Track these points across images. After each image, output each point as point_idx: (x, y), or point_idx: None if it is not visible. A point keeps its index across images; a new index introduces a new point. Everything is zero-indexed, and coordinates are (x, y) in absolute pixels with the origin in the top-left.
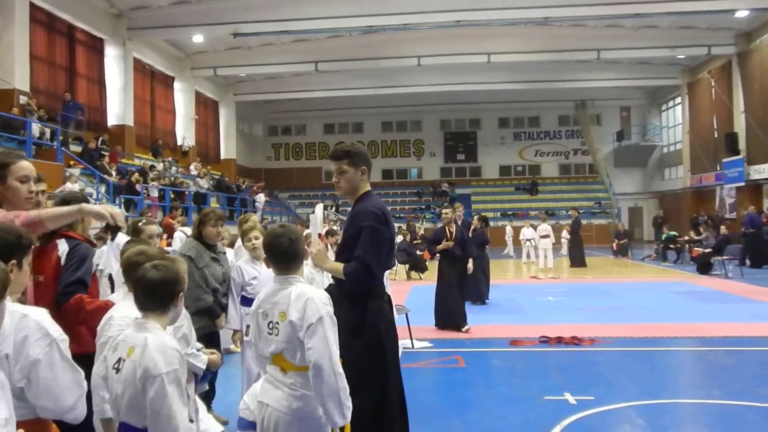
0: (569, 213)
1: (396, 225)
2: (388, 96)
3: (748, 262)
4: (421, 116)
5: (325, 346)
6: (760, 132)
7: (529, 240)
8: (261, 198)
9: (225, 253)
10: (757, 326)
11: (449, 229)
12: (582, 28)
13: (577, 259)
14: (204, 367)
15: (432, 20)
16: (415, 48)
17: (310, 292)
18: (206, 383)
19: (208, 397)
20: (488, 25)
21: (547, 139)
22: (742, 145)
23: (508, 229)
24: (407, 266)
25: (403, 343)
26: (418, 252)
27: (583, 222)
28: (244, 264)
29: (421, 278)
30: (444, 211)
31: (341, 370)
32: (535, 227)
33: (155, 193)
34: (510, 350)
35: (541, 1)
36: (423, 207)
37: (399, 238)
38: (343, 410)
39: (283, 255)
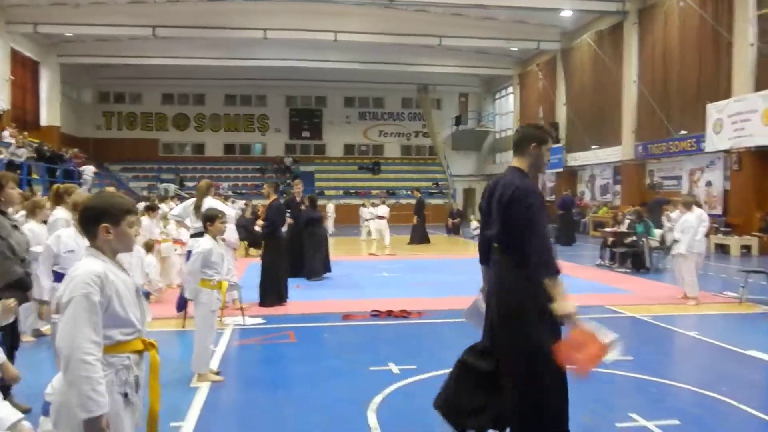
0: (412, 193)
1: (241, 201)
2: (233, 68)
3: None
4: (266, 91)
5: (70, 329)
6: (577, 123)
7: (368, 220)
8: (89, 170)
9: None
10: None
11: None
12: (426, 13)
13: (418, 237)
14: None
15: None
16: (262, 20)
17: (79, 269)
18: None
19: (5, 386)
20: (336, 2)
21: (390, 120)
22: (562, 134)
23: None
24: (246, 243)
25: (235, 320)
26: (257, 229)
27: None
28: (64, 233)
29: (260, 255)
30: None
31: (87, 357)
32: (376, 205)
33: None
34: (342, 325)
35: None
36: (265, 183)
37: (239, 214)
38: (83, 401)
39: (78, 222)
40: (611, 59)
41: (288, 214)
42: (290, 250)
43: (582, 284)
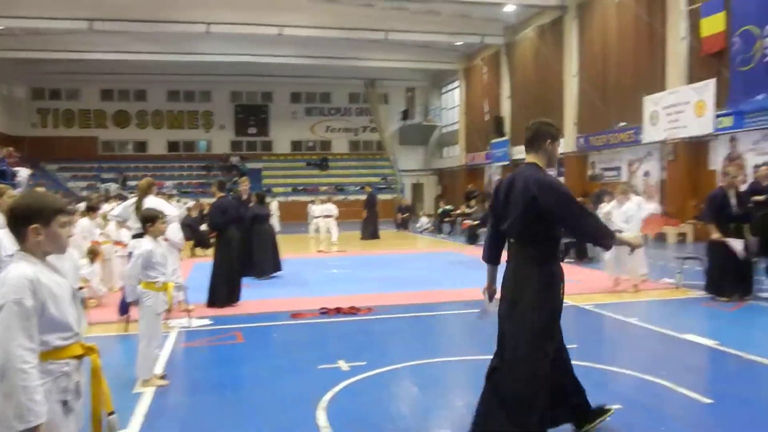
0: (363, 189)
1: (187, 201)
2: (175, 63)
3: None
4: (210, 86)
5: (3, 337)
6: (521, 117)
7: (317, 217)
8: (24, 172)
9: None
10: None
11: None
12: (371, 8)
13: (369, 232)
14: None
15: None
16: (204, 14)
17: (9, 273)
18: None
19: None
20: None
21: (338, 116)
22: (507, 127)
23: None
24: (192, 243)
25: (180, 322)
26: (203, 228)
27: None
28: (4, 235)
29: (206, 255)
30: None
31: (23, 366)
32: (324, 202)
33: None
34: (290, 323)
35: None
36: (212, 182)
37: (184, 214)
38: (21, 412)
39: (7, 223)
40: (553, 53)
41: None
42: (240, 249)
43: None
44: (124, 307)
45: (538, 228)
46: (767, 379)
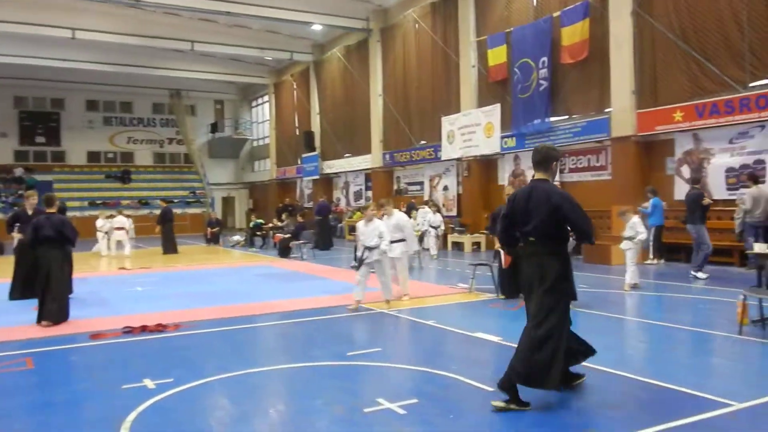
0: (158, 203)
1: None
2: None
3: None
4: None
5: None
6: (331, 132)
7: (106, 233)
8: None
9: None
10: (322, 299)
11: None
12: (176, 17)
13: (169, 247)
14: None
15: None
16: None
17: None
18: None
19: None
20: None
21: (141, 126)
22: (317, 143)
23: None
24: None
25: None
26: None
27: (178, 211)
28: None
29: None
30: None
31: None
32: (113, 217)
33: None
34: (90, 344)
35: None
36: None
37: None
38: None
39: None
40: (359, 73)
41: (17, 228)
42: (21, 270)
43: (338, 285)
44: None
45: (557, 229)
46: None
